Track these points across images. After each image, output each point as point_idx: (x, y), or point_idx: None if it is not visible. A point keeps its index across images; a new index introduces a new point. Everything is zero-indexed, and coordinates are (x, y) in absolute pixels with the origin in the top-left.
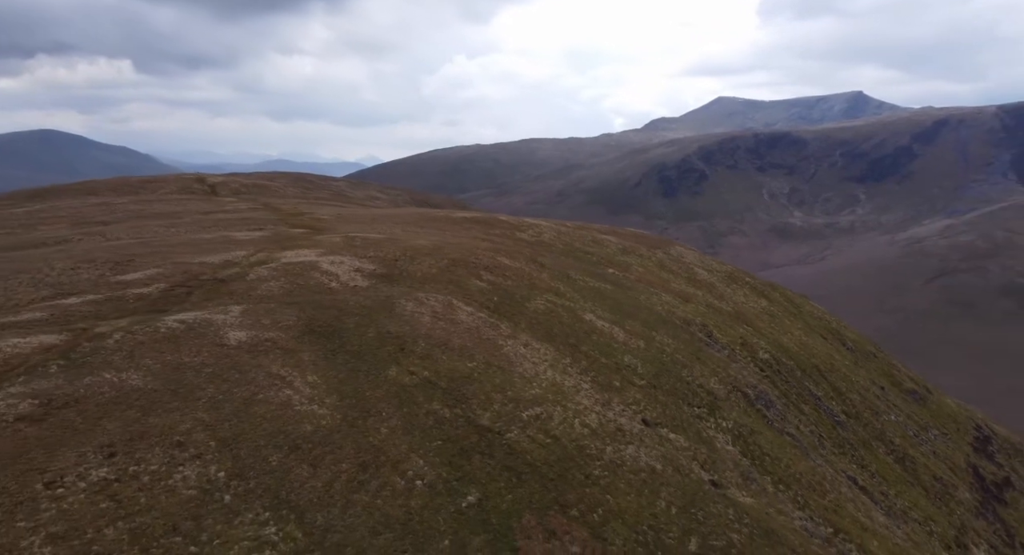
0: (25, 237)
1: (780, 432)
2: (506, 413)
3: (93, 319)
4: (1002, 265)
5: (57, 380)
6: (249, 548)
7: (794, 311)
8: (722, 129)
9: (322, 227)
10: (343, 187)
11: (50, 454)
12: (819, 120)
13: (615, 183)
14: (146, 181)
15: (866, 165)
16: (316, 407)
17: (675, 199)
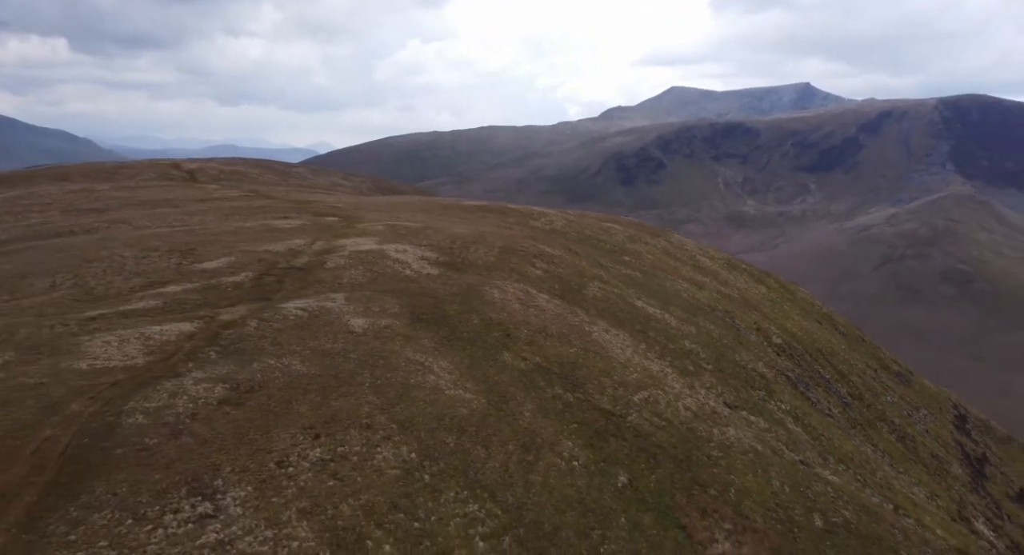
0: (35, 227)
1: (823, 413)
2: (620, 397)
3: (208, 307)
4: (944, 251)
5: (228, 366)
6: (463, 524)
7: (790, 297)
8: (676, 118)
9: (349, 215)
10: (305, 174)
11: (266, 435)
12: (769, 110)
13: (574, 171)
14: (119, 167)
15: (816, 155)
16: (461, 392)
17: (634, 187)
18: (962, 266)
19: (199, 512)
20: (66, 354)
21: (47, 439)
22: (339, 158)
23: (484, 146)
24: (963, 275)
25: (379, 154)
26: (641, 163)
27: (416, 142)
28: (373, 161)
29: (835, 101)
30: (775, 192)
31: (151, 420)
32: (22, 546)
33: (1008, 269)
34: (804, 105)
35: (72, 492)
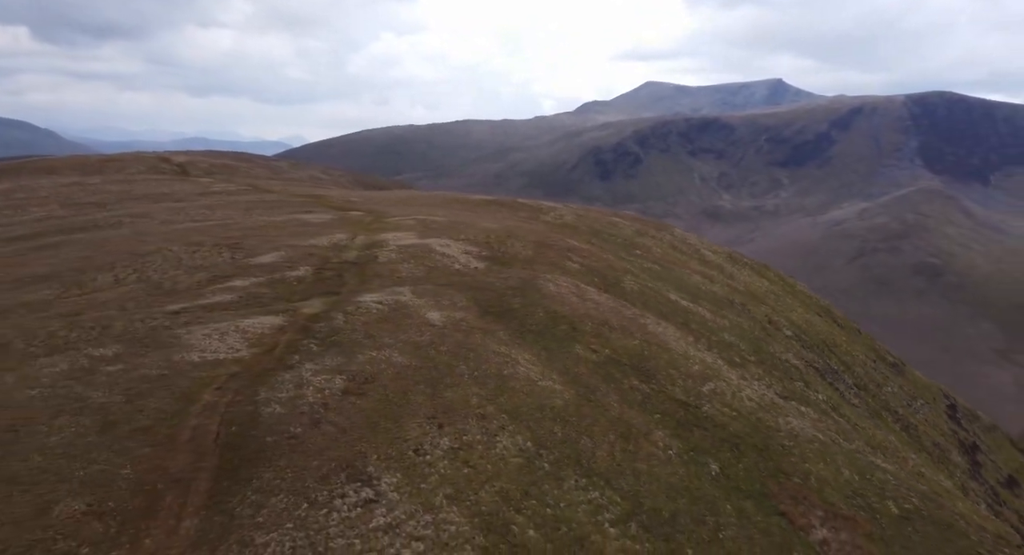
0: (46, 221)
1: (849, 404)
2: (690, 388)
3: (283, 301)
4: (914, 245)
5: (335, 358)
6: (590, 511)
7: (790, 290)
8: (652, 113)
9: (370, 210)
10: (284, 167)
11: (397, 424)
12: (742, 106)
13: (552, 166)
14: (106, 160)
15: (789, 150)
16: (550, 383)
17: (611, 182)
18: (932, 259)
19: (363, 497)
20: (171, 347)
21: (196, 428)
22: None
23: (460, 140)
24: (932, 268)
25: (355, 148)
26: (618, 158)
27: (392, 136)
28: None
29: (806, 97)
30: (750, 187)
31: (288, 410)
32: (218, 527)
33: (974, 262)
34: (776, 101)
35: (241, 478)
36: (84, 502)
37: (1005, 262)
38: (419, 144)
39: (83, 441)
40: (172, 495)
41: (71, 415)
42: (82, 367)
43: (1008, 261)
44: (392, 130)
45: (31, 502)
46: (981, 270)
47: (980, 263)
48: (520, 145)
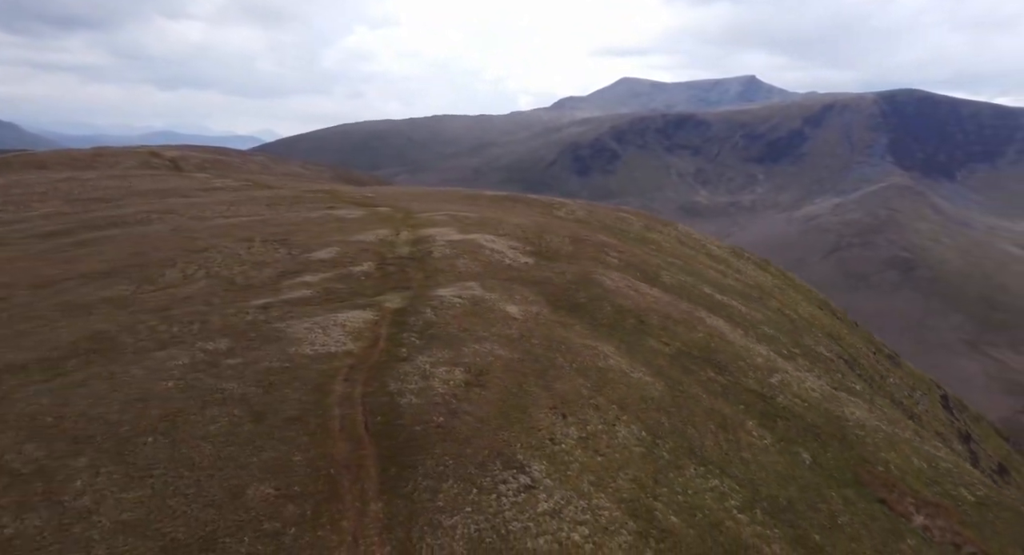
0: (59, 218)
1: (879, 394)
2: (761, 380)
3: (361, 296)
4: (888, 239)
5: (443, 351)
6: (716, 497)
7: (791, 284)
8: (628, 109)
9: (396, 206)
10: (265, 162)
11: (525, 415)
12: (717, 102)
13: (530, 161)
14: (96, 155)
15: (764, 146)
16: (641, 374)
17: (589, 178)
18: (905, 254)
19: (522, 483)
20: (279, 340)
21: (343, 417)
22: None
23: (437, 135)
24: (906, 262)
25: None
26: (596, 153)
27: (368, 130)
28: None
29: (779, 94)
30: (726, 183)
31: (424, 400)
32: (403, 511)
33: (945, 256)
34: (750, 98)
35: (404, 464)
36: (272, 486)
37: (973, 256)
38: (395, 139)
39: (242, 430)
40: (347, 480)
41: (218, 406)
42: (203, 360)
43: (976, 255)
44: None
45: (221, 486)
46: (951, 264)
47: (950, 257)
48: (497, 140)
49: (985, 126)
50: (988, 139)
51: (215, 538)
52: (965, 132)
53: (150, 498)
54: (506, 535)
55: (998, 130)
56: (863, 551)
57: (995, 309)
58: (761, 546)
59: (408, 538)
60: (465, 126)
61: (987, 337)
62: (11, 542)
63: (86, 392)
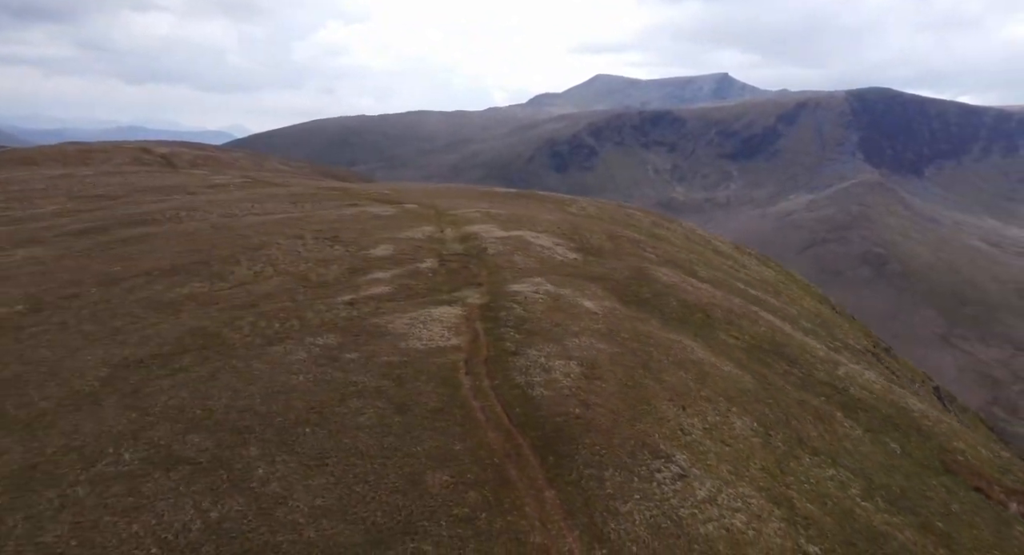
0: (64, 215)
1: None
2: (830, 372)
3: (439, 292)
4: (860, 235)
5: (547, 345)
6: (837, 486)
7: (791, 279)
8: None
9: (420, 202)
10: (223, 157)
11: (651, 406)
12: (691, 100)
13: (509, 157)
14: (85, 151)
15: (738, 143)
16: (730, 368)
17: (567, 174)
18: (877, 249)
19: (674, 472)
20: (386, 335)
21: (483, 409)
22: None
23: (414, 131)
24: (878, 257)
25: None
26: (574, 150)
27: (343, 126)
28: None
29: (751, 92)
30: (701, 179)
31: (553, 392)
32: (577, 498)
33: (915, 251)
34: (723, 95)
35: (560, 454)
36: (447, 474)
37: (942, 251)
38: (371, 135)
39: (392, 421)
40: (512, 469)
41: (358, 398)
42: (321, 355)
43: (945, 250)
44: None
45: (398, 474)
46: (922, 259)
47: (920, 252)
48: (475, 136)
49: (951, 124)
50: (954, 137)
51: (412, 522)
52: (932, 130)
53: (335, 485)
54: (679, 521)
55: (963, 128)
56: (984, 538)
57: (964, 303)
58: (893, 533)
59: (592, 523)
60: (441, 122)
61: (957, 330)
62: (221, 525)
63: (221, 386)
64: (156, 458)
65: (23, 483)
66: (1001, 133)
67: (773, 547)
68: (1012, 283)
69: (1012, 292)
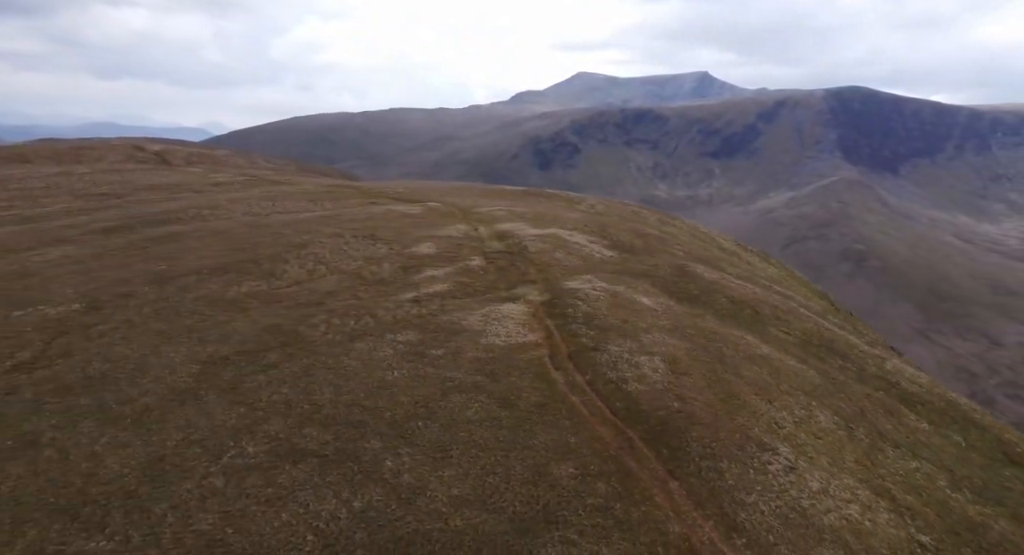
0: (74, 214)
1: None
2: (879, 366)
3: (495, 289)
4: (840, 232)
5: (625, 341)
6: (924, 478)
7: (792, 276)
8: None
9: (441, 200)
10: (217, 154)
11: (738, 400)
12: (671, 98)
13: (492, 155)
14: (77, 148)
15: (719, 142)
16: (794, 362)
17: (551, 172)
18: (857, 246)
19: (783, 465)
20: (464, 332)
21: (584, 403)
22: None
23: (395, 128)
24: (858, 254)
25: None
26: (557, 148)
27: (323, 123)
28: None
29: (731, 90)
30: (683, 177)
31: (647, 387)
32: (702, 489)
33: (893, 248)
34: (703, 93)
35: (671, 446)
36: (571, 466)
37: (919, 248)
38: (352, 132)
39: (500, 415)
40: (631, 461)
41: (459, 393)
42: (407, 352)
43: (921, 247)
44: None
45: (523, 466)
46: (899, 255)
47: (898, 249)
48: (457, 134)
49: (926, 123)
50: (928, 135)
51: (551, 511)
52: (907, 128)
53: (466, 476)
54: (803, 512)
55: (937, 127)
56: None
57: (941, 299)
58: (989, 523)
59: (723, 513)
60: (423, 119)
61: (935, 325)
62: (365, 514)
63: (319, 381)
64: (280, 451)
65: (157, 474)
66: (973, 132)
67: (891, 537)
68: (985, 279)
69: (986, 287)
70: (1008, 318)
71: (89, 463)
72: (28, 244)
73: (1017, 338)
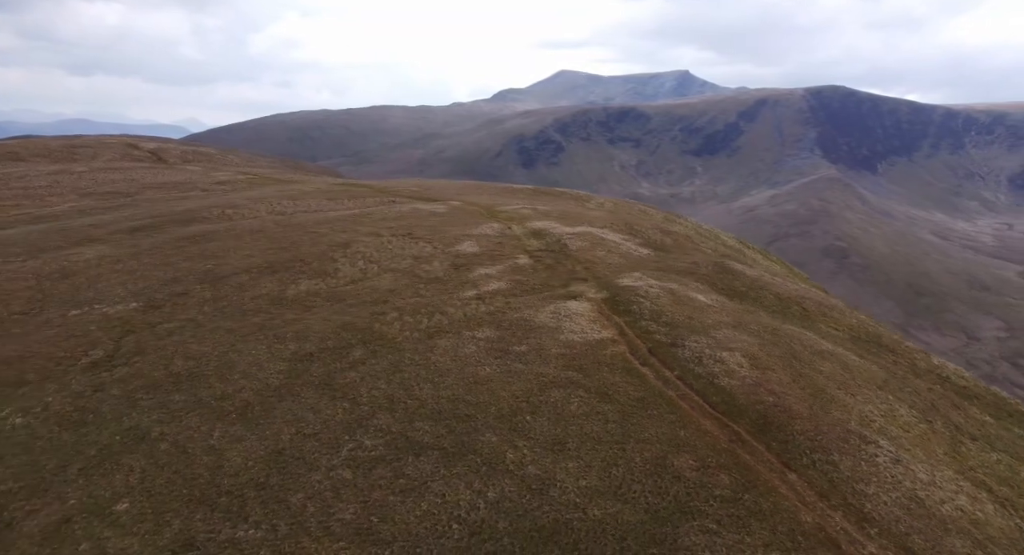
0: (88, 214)
1: None
2: (926, 360)
3: (551, 287)
4: (822, 230)
5: (701, 337)
6: (1007, 469)
7: (791, 272)
8: (567, 101)
9: (463, 199)
10: (213, 153)
11: (827, 394)
12: (652, 96)
13: (476, 153)
14: (70, 146)
15: (701, 140)
16: (855, 358)
17: (534, 170)
18: (839, 243)
19: (890, 457)
20: (537, 329)
21: (682, 397)
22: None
23: (378, 126)
24: (840, 251)
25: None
26: (541, 146)
27: (305, 120)
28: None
29: (711, 89)
30: (666, 175)
31: (738, 381)
32: (823, 480)
33: (873, 245)
34: (684, 92)
35: (779, 439)
36: (690, 458)
37: (898, 245)
38: (334, 129)
39: (602, 408)
40: (744, 453)
41: (557, 388)
42: (489, 348)
43: (900, 243)
44: (304, 115)
45: (644, 458)
46: (879, 252)
47: (878, 246)
48: (440, 132)
49: (902, 121)
50: (905, 134)
51: (683, 502)
52: (884, 127)
53: (588, 468)
54: (921, 502)
55: (913, 125)
56: None
57: (920, 294)
58: None
59: (847, 503)
60: (405, 117)
61: (915, 321)
62: (500, 504)
63: (413, 377)
64: (398, 444)
65: (282, 466)
66: (948, 131)
67: (1004, 527)
68: (962, 275)
69: (963, 283)
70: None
71: (210, 456)
72: (57, 243)
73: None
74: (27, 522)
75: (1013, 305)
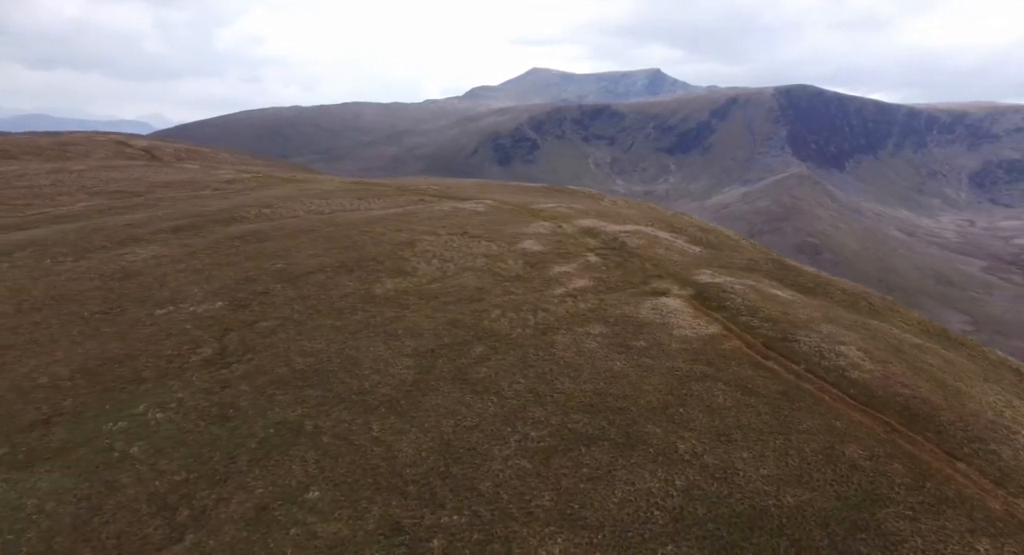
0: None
1: None
2: (991, 352)
3: (634, 285)
4: (794, 226)
5: (806, 332)
6: None
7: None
8: (540, 99)
9: (493, 197)
10: (205, 151)
11: (948, 386)
12: (624, 94)
13: (451, 150)
14: (61, 143)
15: (674, 138)
16: (945, 351)
17: (510, 167)
18: (811, 239)
19: None
20: (644, 324)
21: (819, 389)
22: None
23: (350, 123)
24: (813, 247)
25: (235, 129)
26: (516, 143)
27: (276, 117)
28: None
29: (682, 87)
30: (640, 172)
31: (868, 375)
32: (991, 469)
33: (843, 241)
34: (656, 90)
35: (928, 429)
36: (858, 448)
37: (867, 241)
38: (306, 126)
39: (748, 402)
40: (905, 443)
41: (696, 381)
42: (608, 344)
43: (869, 240)
44: (274, 111)
45: (812, 448)
46: (850, 248)
47: (848, 242)
48: (414, 129)
49: (868, 120)
50: (871, 132)
51: (869, 489)
52: (851, 126)
53: (763, 457)
54: None
55: (879, 124)
56: None
57: (890, 289)
58: None
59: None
60: (378, 114)
61: None
62: (690, 492)
63: (549, 372)
64: (563, 435)
65: (457, 457)
66: (911, 130)
67: None
68: (928, 270)
69: (930, 278)
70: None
71: (380, 447)
72: (101, 243)
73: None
74: (221, 509)
75: (977, 300)
